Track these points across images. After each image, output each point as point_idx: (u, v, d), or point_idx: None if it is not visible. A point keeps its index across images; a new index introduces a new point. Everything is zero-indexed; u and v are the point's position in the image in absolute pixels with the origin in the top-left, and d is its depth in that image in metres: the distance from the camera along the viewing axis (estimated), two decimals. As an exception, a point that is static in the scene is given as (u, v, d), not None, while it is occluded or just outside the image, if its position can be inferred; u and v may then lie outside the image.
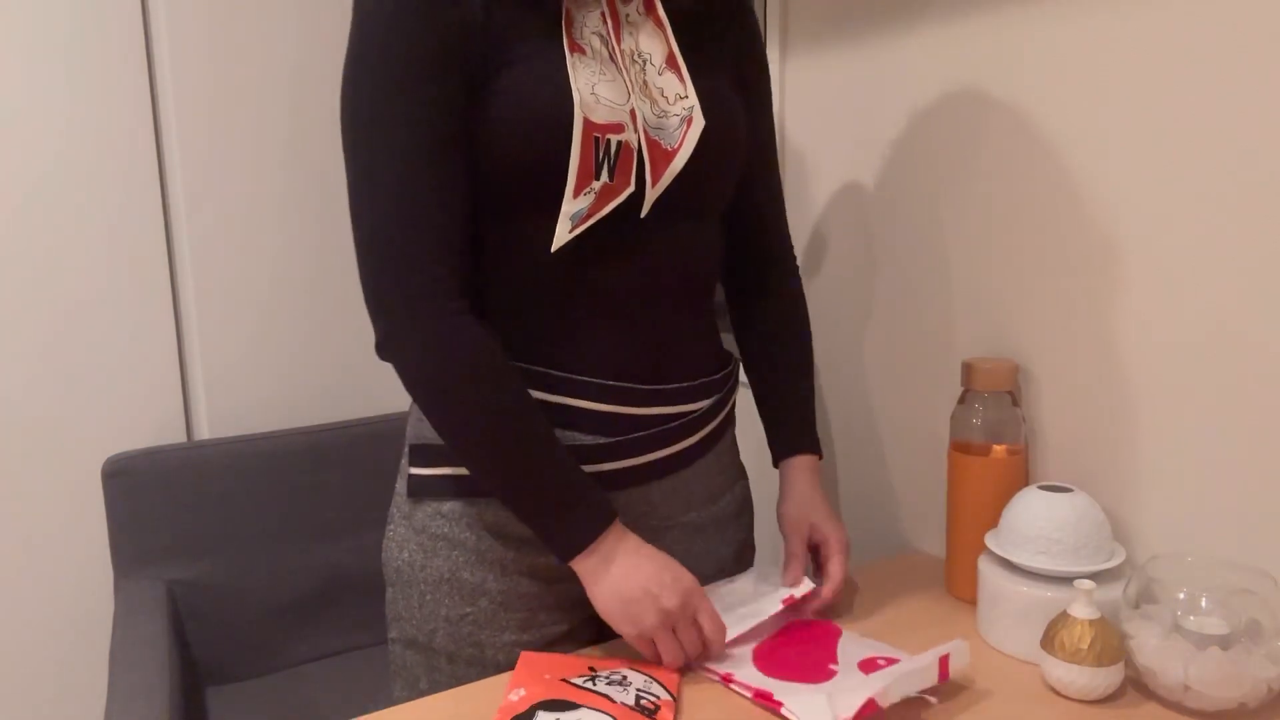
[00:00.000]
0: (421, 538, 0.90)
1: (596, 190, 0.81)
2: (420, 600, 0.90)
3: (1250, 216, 0.84)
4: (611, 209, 0.83)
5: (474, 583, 0.88)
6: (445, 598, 0.89)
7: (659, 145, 0.84)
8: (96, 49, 1.50)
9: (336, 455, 1.63)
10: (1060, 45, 0.97)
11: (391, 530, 0.93)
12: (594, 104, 0.80)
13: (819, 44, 1.27)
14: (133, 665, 1.22)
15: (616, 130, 0.81)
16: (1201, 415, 0.89)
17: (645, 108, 0.84)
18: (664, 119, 0.85)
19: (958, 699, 0.82)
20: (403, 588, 0.91)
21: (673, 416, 0.91)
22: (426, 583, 0.89)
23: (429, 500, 0.90)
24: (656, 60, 0.86)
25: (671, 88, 0.86)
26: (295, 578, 1.59)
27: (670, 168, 0.84)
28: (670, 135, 0.84)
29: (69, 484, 1.56)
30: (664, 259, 0.88)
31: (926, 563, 1.14)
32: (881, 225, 1.21)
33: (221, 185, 1.62)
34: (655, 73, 0.86)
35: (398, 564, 0.91)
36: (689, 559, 0.97)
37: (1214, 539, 0.89)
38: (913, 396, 1.20)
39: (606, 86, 0.82)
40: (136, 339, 1.58)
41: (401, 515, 0.92)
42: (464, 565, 0.88)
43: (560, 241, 0.81)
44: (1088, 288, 0.97)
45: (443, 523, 0.89)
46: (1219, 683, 0.75)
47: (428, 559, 0.89)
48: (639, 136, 0.83)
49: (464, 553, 0.89)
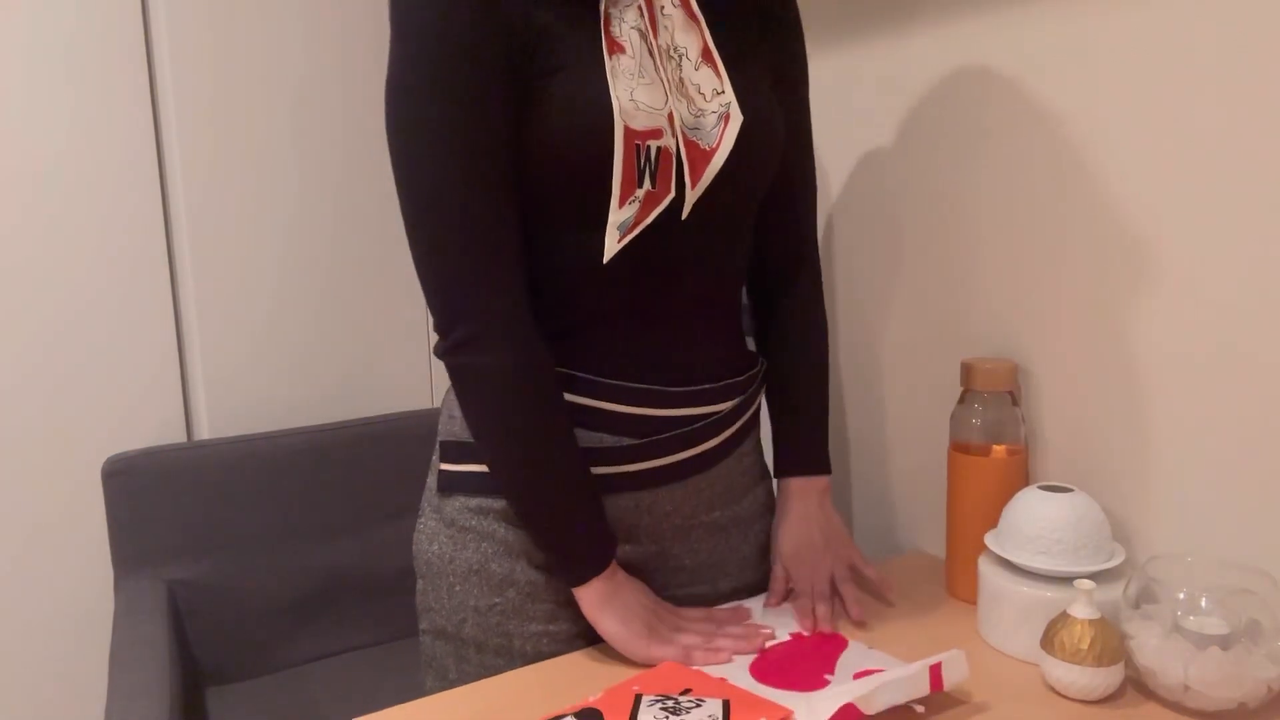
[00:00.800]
0: (451, 530, 0.92)
1: (640, 198, 0.82)
2: (449, 591, 0.91)
3: (1251, 216, 0.84)
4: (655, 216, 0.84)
5: (502, 573, 0.90)
6: (474, 588, 0.90)
7: (696, 146, 0.84)
8: (97, 49, 1.50)
9: (336, 455, 1.63)
10: (1063, 45, 0.97)
11: (422, 523, 0.95)
12: (633, 111, 0.81)
13: (820, 44, 1.27)
14: (133, 665, 1.22)
15: (655, 136, 0.82)
16: (1202, 415, 0.89)
17: (682, 108, 0.84)
18: (701, 117, 0.84)
19: (958, 699, 0.82)
20: (433, 579, 0.93)
21: (698, 417, 0.92)
22: (456, 574, 0.91)
23: (459, 495, 0.92)
24: (692, 54, 0.86)
25: (708, 83, 0.86)
26: (295, 578, 1.59)
27: (710, 168, 0.84)
28: (708, 135, 0.84)
29: (69, 484, 1.56)
30: (695, 263, 0.89)
31: (927, 563, 1.14)
32: (881, 225, 1.21)
33: (222, 185, 1.62)
34: (691, 68, 0.86)
35: (428, 556, 0.93)
36: (713, 556, 0.98)
37: (1214, 539, 0.89)
38: (913, 396, 1.20)
39: (645, 90, 0.82)
40: (136, 339, 1.58)
41: (432, 509, 0.94)
42: (493, 557, 0.90)
43: (611, 253, 0.82)
44: (1088, 288, 0.97)
45: (471, 516, 0.91)
46: (1219, 683, 0.75)
47: (457, 551, 0.91)
48: (677, 140, 0.83)
49: (493, 544, 0.90)
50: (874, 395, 1.26)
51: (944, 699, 0.82)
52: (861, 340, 1.27)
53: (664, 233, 0.86)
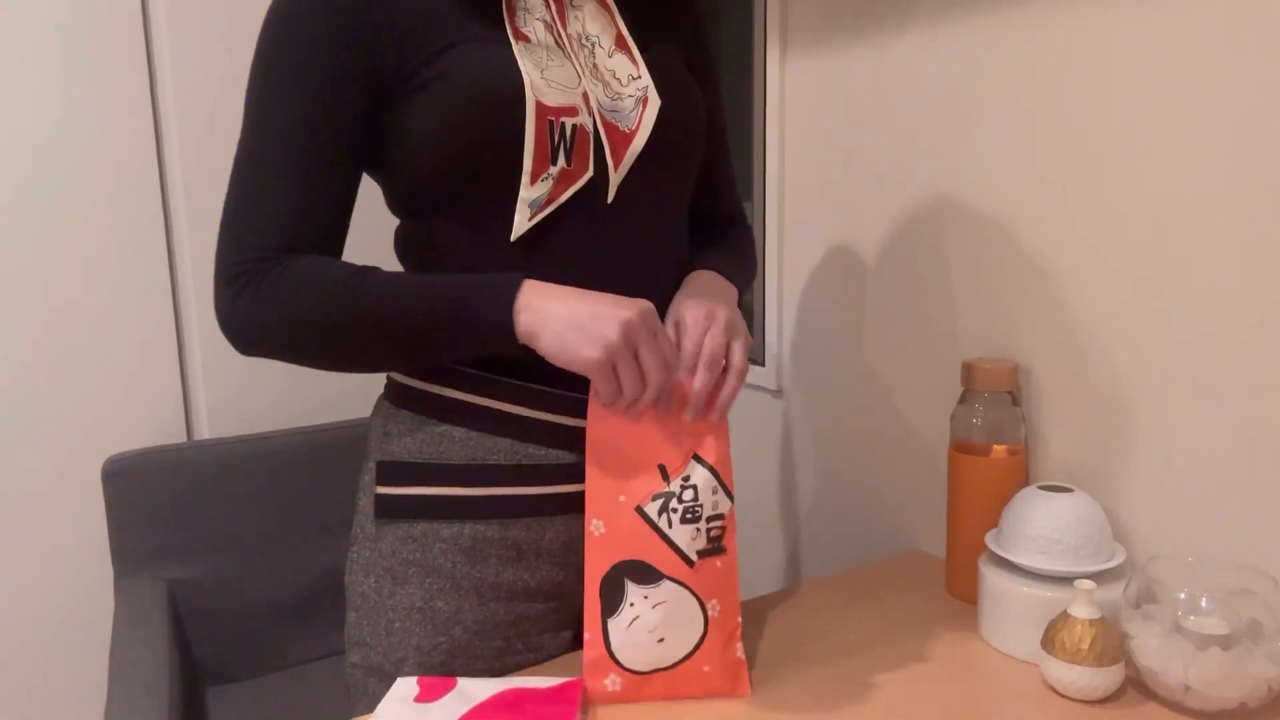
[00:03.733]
0: (390, 562, 0.85)
1: (554, 175, 0.79)
2: (388, 628, 0.85)
3: (1251, 216, 0.84)
4: (572, 196, 0.80)
5: (448, 612, 0.84)
6: (416, 626, 0.84)
7: (616, 128, 0.81)
8: (97, 49, 1.50)
9: (336, 455, 1.63)
10: (1062, 44, 0.97)
11: (355, 553, 0.88)
12: (544, 87, 0.78)
13: (819, 44, 1.27)
14: (133, 665, 1.22)
15: (570, 114, 0.79)
16: (1202, 415, 0.89)
17: (598, 90, 0.82)
18: (618, 100, 0.82)
19: (958, 699, 0.82)
20: (368, 613, 0.86)
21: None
22: (395, 610, 0.84)
23: (399, 521, 0.85)
24: (605, 42, 0.84)
25: (624, 69, 0.84)
26: (295, 578, 1.59)
27: (630, 149, 0.82)
28: (626, 117, 0.82)
29: (69, 484, 1.56)
30: (627, 251, 0.84)
31: (927, 563, 1.14)
32: (882, 225, 1.21)
33: (222, 185, 1.61)
34: (605, 55, 0.84)
35: (363, 589, 0.86)
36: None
37: (1214, 539, 0.89)
38: (913, 396, 1.20)
39: (556, 70, 0.80)
40: (136, 339, 1.58)
41: (366, 538, 0.87)
42: (437, 594, 0.84)
43: (519, 230, 0.79)
44: (1088, 288, 0.97)
45: (414, 547, 0.84)
46: (1219, 683, 0.75)
47: (396, 586, 0.84)
48: (594, 119, 0.80)
49: (437, 580, 0.84)
50: (874, 395, 1.26)
51: (945, 699, 0.82)
52: (862, 340, 1.27)
53: (590, 218, 0.82)
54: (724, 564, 0.83)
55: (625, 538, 0.80)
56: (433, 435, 0.85)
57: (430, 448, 0.85)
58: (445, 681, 0.81)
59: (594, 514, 0.80)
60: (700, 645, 0.81)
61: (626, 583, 0.80)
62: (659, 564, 0.80)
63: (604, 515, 0.80)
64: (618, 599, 0.80)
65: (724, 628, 0.82)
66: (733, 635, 0.83)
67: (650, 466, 0.81)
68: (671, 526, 0.80)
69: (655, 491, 0.80)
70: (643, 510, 0.80)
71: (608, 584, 0.80)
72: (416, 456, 0.85)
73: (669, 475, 0.81)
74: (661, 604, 0.80)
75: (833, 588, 1.06)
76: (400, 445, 0.86)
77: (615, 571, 0.80)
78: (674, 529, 0.80)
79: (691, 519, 0.81)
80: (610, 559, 0.80)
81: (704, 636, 0.81)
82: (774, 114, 1.36)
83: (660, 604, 0.80)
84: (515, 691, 0.80)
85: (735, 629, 0.83)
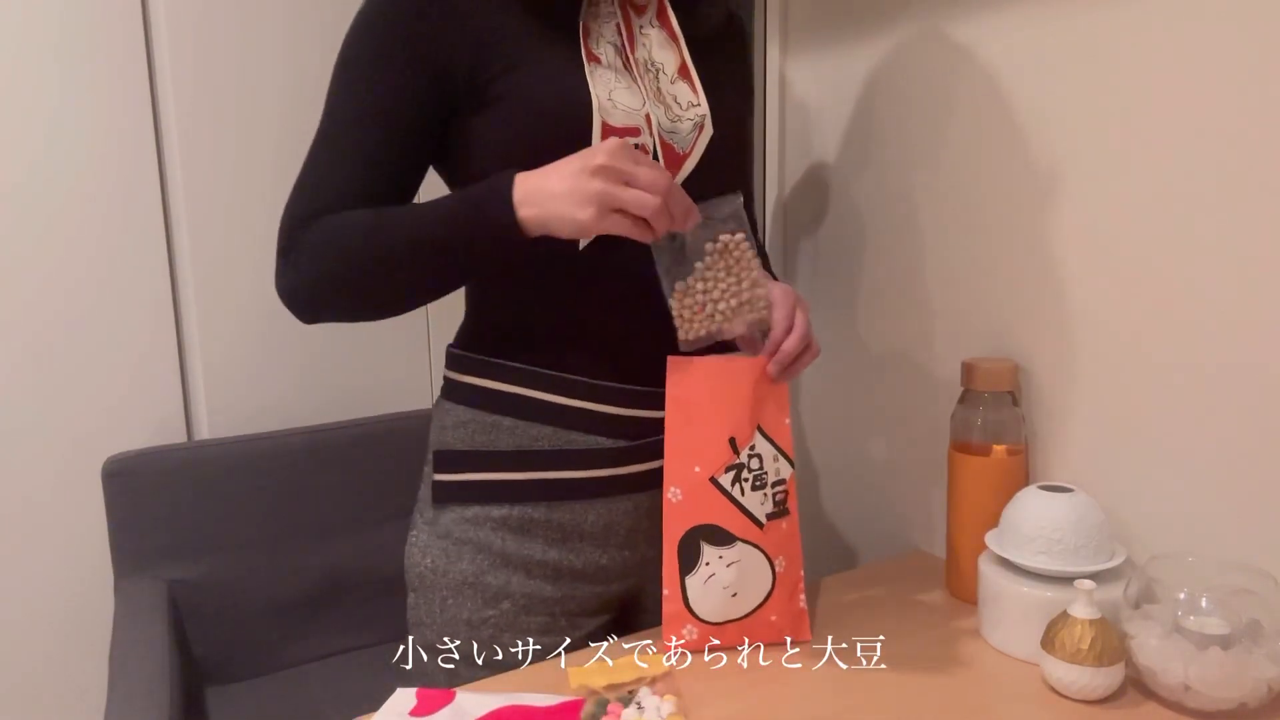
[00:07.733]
0: (445, 542, 0.91)
1: None
2: (441, 605, 0.91)
3: (1250, 217, 0.84)
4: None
5: (497, 586, 0.90)
6: (468, 600, 0.90)
7: (672, 149, 0.87)
8: (96, 49, 1.50)
9: (336, 455, 1.63)
10: (1062, 45, 0.97)
11: (414, 536, 0.95)
12: (611, 109, 0.83)
13: (819, 44, 1.27)
14: (133, 665, 1.22)
15: (633, 134, 0.84)
16: (1202, 415, 0.89)
17: (660, 113, 0.86)
18: (678, 123, 0.87)
19: (958, 699, 0.82)
20: (424, 593, 0.92)
21: None
22: (449, 587, 0.91)
23: (453, 505, 0.92)
24: (669, 70, 0.89)
25: (684, 95, 0.89)
26: (295, 578, 1.59)
27: (682, 171, 0.87)
28: (684, 139, 0.87)
29: (69, 484, 1.56)
30: None
31: (927, 563, 1.14)
32: (882, 225, 1.21)
33: (222, 185, 1.62)
34: (668, 81, 0.89)
35: (420, 569, 0.93)
36: None
37: (1214, 539, 0.89)
38: (913, 396, 1.20)
39: (623, 93, 0.85)
40: (136, 339, 1.58)
41: (424, 520, 0.94)
42: (488, 569, 0.90)
43: (587, 239, 0.84)
44: (1088, 288, 0.97)
45: (467, 527, 0.91)
46: (1219, 683, 0.75)
47: (450, 563, 0.91)
48: (654, 140, 0.85)
49: (488, 556, 0.90)
50: (874, 395, 1.26)
51: (945, 699, 0.82)
52: (862, 340, 1.27)
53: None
54: (788, 524, 0.92)
55: (700, 504, 0.87)
56: (484, 425, 0.91)
57: (481, 436, 0.91)
58: (444, 694, 0.82)
59: (672, 482, 0.87)
60: (769, 598, 0.90)
61: (702, 544, 0.87)
62: (732, 528, 0.88)
63: (681, 484, 0.87)
64: (694, 559, 0.88)
65: (789, 581, 0.91)
66: (796, 587, 0.92)
67: (721, 440, 0.87)
68: (744, 495, 0.88)
69: (728, 463, 0.88)
70: (716, 480, 0.88)
71: (685, 545, 0.88)
72: (469, 445, 0.92)
73: (738, 448, 0.88)
74: (735, 563, 0.88)
75: (833, 587, 1.06)
76: (454, 436, 0.93)
77: (692, 534, 0.87)
78: (745, 496, 0.88)
79: (760, 486, 0.89)
80: (687, 523, 0.87)
81: (772, 590, 0.90)
82: (774, 114, 1.36)
83: (734, 563, 0.88)
84: (513, 709, 0.80)
85: (798, 581, 0.92)
